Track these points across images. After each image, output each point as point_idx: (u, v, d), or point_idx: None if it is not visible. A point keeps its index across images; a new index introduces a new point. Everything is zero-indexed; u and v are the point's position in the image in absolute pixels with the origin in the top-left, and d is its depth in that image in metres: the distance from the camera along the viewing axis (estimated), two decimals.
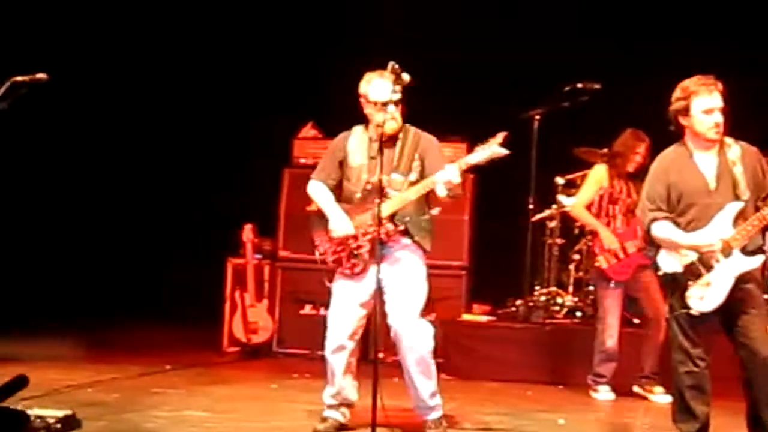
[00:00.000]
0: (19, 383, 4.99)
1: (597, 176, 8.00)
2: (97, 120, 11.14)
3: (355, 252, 6.10)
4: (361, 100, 6.17)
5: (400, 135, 6.16)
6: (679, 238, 5.48)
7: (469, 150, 8.87)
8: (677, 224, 5.52)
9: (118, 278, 11.08)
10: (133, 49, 10.96)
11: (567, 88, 8.60)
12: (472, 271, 9.33)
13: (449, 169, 5.99)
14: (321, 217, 6.25)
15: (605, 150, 8.24)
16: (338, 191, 6.26)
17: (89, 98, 10.94)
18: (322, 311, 8.71)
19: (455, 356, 8.55)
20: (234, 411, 6.82)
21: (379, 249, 5.86)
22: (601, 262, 7.89)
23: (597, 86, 8.57)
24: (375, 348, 5.72)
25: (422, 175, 6.13)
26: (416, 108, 6.19)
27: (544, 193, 8.96)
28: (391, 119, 6.00)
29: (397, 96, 5.89)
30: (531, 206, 8.76)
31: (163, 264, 10.98)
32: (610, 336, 7.84)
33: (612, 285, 7.87)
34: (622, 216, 7.90)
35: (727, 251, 5.41)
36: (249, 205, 9.92)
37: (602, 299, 7.99)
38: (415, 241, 6.16)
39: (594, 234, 8.05)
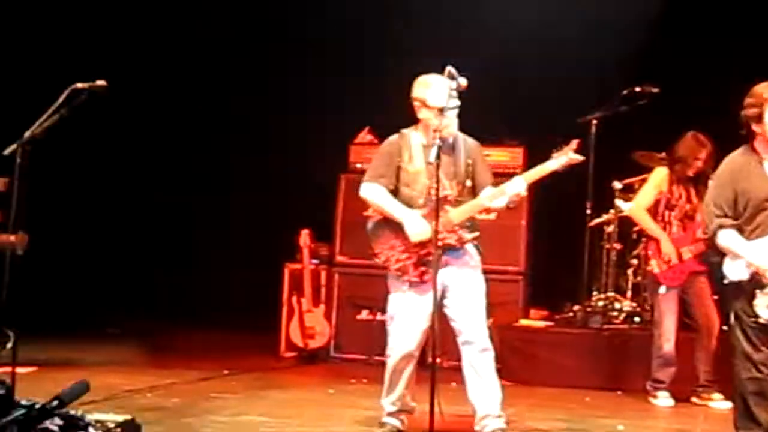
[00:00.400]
0: (80, 388, 5.03)
1: (657, 179, 7.91)
2: (154, 125, 11.23)
3: (425, 260, 6.00)
4: (416, 104, 6.11)
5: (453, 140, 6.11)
6: (742, 251, 5.42)
7: (527, 154, 8.95)
8: (742, 231, 5.46)
9: (177, 283, 11.15)
10: (190, 50, 11.03)
11: (625, 92, 8.54)
12: (530, 276, 9.30)
13: (518, 182, 5.97)
14: (380, 222, 6.15)
15: (663, 154, 8.17)
16: (394, 196, 6.15)
17: (146, 103, 11.03)
18: (379, 316, 8.74)
19: (513, 362, 8.50)
20: (292, 416, 6.83)
21: (438, 256, 5.81)
22: (654, 266, 7.81)
23: (655, 90, 8.51)
24: (433, 353, 5.68)
25: (474, 181, 6.10)
26: (473, 113, 6.15)
27: (601, 197, 8.88)
28: (450, 125, 5.97)
29: (457, 101, 5.86)
30: (588, 211, 8.71)
31: (220, 269, 11.04)
32: (667, 340, 7.76)
33: (663, 290, 7.79)
34: (678, 222, 7.81)
35: None
36: (306, 211, 9.94)
37: (657, 304, 7.91)
38: (474, 246, 6.14)
39: (648, 237, 7.98)
